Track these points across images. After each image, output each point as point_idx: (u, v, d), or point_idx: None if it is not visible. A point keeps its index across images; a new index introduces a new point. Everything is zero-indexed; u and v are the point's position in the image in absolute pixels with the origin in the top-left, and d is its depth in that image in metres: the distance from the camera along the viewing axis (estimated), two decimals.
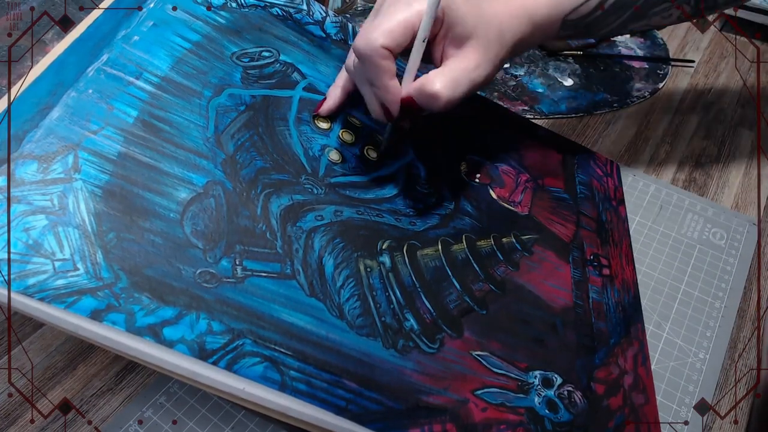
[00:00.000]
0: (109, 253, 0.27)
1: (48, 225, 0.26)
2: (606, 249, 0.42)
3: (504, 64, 0.39)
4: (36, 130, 0.29)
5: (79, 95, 0.30)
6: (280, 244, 0.31)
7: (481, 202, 0.40)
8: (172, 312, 0.26)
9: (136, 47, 0.33)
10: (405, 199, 0.37)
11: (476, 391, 0.31)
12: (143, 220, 0.28)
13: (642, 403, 0.35)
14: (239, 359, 0.26)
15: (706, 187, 0.52)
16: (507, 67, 0.62)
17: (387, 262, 0.34)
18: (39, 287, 0.25)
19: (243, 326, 0.27)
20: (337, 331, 0.30)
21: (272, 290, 0.29)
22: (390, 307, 0.32)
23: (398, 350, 0.31)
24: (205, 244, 0.29)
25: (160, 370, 0.26)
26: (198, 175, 0.31)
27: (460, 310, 0.34)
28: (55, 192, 0.27)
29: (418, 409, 0.29)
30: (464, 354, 0.32)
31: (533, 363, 0.34)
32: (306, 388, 0.27)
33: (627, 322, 0.39)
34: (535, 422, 0.32)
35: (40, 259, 0.25)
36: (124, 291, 0.26)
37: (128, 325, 0.25)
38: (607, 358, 0.36)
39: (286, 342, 0.28)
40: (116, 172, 0.29)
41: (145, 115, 0.31)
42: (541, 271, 0.38)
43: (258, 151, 0.34)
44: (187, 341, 0.26)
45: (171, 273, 0.28)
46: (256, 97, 0.36)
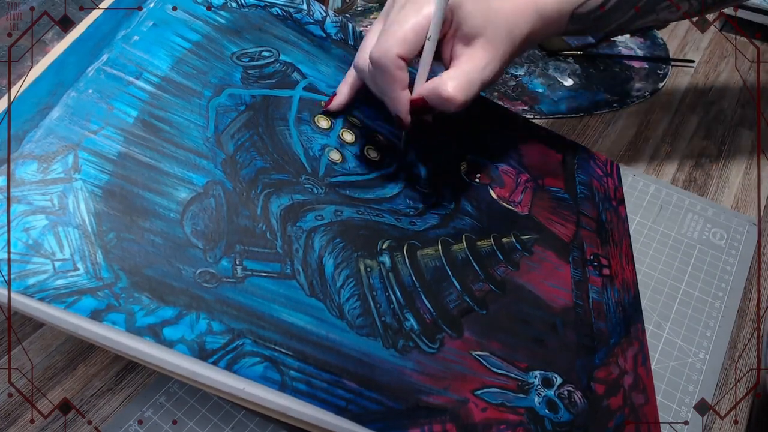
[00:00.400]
0: (109, 253, 0.27)
1: (48, 225, 0.26)
2: (606, 249, 0.42)
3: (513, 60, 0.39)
4: (36, 130, 0.29)
5: (79, 95, 0.30)
6: (280, 244, 0.31)
7: (481, 202, 0.40)
8: (172, 312, 0.26)
9: (136, 47, 0.33)
10: (405, 199, 0.37)
11: (476, 391, 0.31)
12: (143, 220, 0.28)
13: (642, 403, 0.35)
14: (239, 359, 0.26)
15: (706, 187, 0.52)
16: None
17: (387, 262, 0.34)
18: (39, 287, 0.25)
19: (243, 326, 0.27)
20: (337, 331, 0.30)
21: (272, 290, 0.29)
22: (390, 307, 0.32)
23: (398, 350, 0.31)
24: (205, 244, 0.29)
25: (160, 370, 0.26)
26: (198, 175, 0.31)
27: (460, 310, 0.34)
28: (55, 192, 0.27)
29: (418, 409, 0.29)
30: (464, 354, 0.32)
31: (533, 363, 0.34)
32: (306, 388, 0.27)
33: (627, 322, 0.39)
34: (535, 422, 0.32)
35: (40, 259, 0.25)
36: (124, 291, 0.26)
37: (128, 325, 0.25)
38: (607, 358, 0.36)
39: (286, 342, 0.28)
40: (116, 172, 0.29)
41: (145, 115, 0.31)
42: (541, 271, 0.38)
43: (258, 151, 0.34)
44: (187, 341, 0.26)
45: (171, 273, 0.28)
46: (256, 97, 0.36)
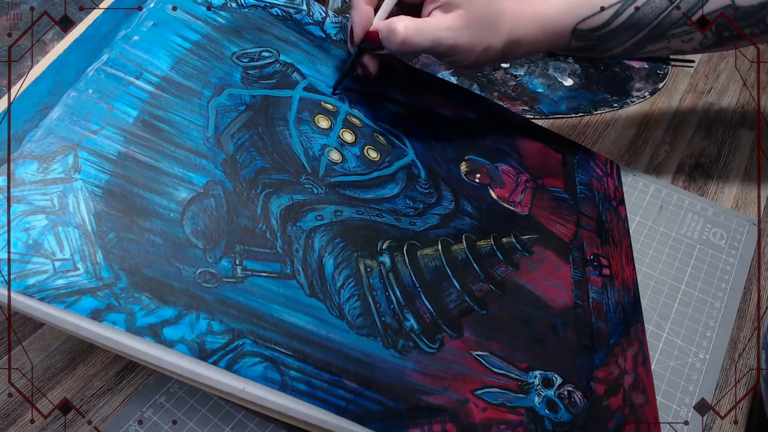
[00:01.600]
0: (109, 253, 0.27)
1: (48, 225, 0.26)
2: (606, 249, 0.42)
3: (494, 56, 0.39)
4: (36, 130, 0.29)
5: (79, 95, 0.30)
6: (280, 244, 0.31)
7: (481, 202, 0.40)
8: (173, 312, 0.26)
9: (136, 47, 0.33)
10: (405, 199, 0.37)
11: (476, 391, 0.31)
12: (143, 220, 0.28)
13: (642, 403, 0.35)
14: (239, 359, 0.26)
15: (706, 187, 0.52)
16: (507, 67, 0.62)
17: (387, 262, 0.34)
18: (39, 287, 0.25)
19: (243, 326, 0.27)
20: (337, 331, 0.30)
21: (272, 290, 0.29)
22: (390, 307, 0.32)
23: (398, 350, 0.31)
24: (205, 243, 0.29)
25: (161, 370, 0.26)
26: (198, 175, 0.31)
27: (460, 310, 0.34)
28: (55, 192, 0.27)
29: (418, 409, 0.29)
30: (464, 354, 0.32)
31: (533, 363, 0.34)
32: (306, 388, 0.27)
33: (627, 322, 0.39)
34: (535, 422, 0.32)
35: (40, 259, 0.25)
36: (124, 291, 0.26)
37: (128, 325, 0.25)
38: (607, 358, 0.36)
39: (286, 342, 0.28)
40: (116, 171, 0.29)
41: (145, 115, 0.31)
42: (541, 271, 0.38)
43: (258, 150, 0.34)
44: (187, 341, 0.26)
45: (171, 273, 0.27)
46: (256, 97, 0.36)
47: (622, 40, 0.41)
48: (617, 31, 0.40)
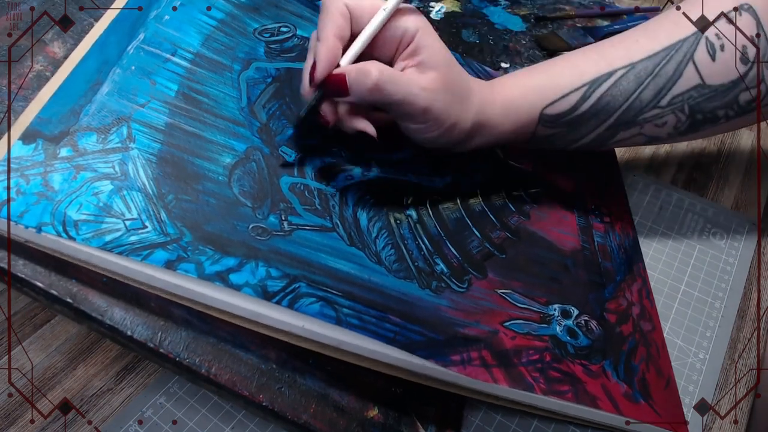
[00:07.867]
0: (171, 212, 0.29)
1: (114, 189, 0.29)
2: (606, 199, 0.46)
3: (458, 135, 0.35)
4: (90, 105, 0.31)
5: (123, 72, 0.33)
6: (318, 202, 0.34)
7: (489, 161, 0.43)
8: (234, 261, 0.29)
9: (167, 26, 0.35)
10: (424, 159, 0.40)
11: (504, 323, 0.35)
12: (196, 183, 0.31)
13: (650, 329, 0.39)
14: (298, 299, 0.29)
15: (706, 187, 0.51)
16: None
17: (414, 215, 0.36)
18: (116, 243, 0.27)
19: (297, 272, 0.30)
20: (378, 275, 0.33)
21: (317, 241, 0.32)
22: (421, 253, 0.35)
23: (432, 290, 0.34)
24: (253, 202, 0.32)
25: (226, 317, 0.29)
26: (238, 142, 0.34)
27: (482, 255, 0.37)
28: (116, 160, 0.30)
29: (456, 339, 0.32)
30: (490, 292, 0.35)
31: (551, 298, 0.37)
32: (358, 322, 0.30)
33: (629, 261, 0.43)
34: (559, 347, 0.35)
35: (112, 219, 0.28)
36: (190, 244, 0.29)
37: (199, 273, 0.28)
38: (616, 292, 0.40)
39: (335, 285, 0.31)
40: (166, 140, 0.32)
41: (185, 88, 0.34)
42: (549, 220, 0.42)
43: (288, 119, 0.36)
44: (252, 285, 0.29)
45: (227, 228, 0.30)
46: (280, 70, 0.38)
47: (593, 125, 0.38)
48: (586, 116, 0.38)
